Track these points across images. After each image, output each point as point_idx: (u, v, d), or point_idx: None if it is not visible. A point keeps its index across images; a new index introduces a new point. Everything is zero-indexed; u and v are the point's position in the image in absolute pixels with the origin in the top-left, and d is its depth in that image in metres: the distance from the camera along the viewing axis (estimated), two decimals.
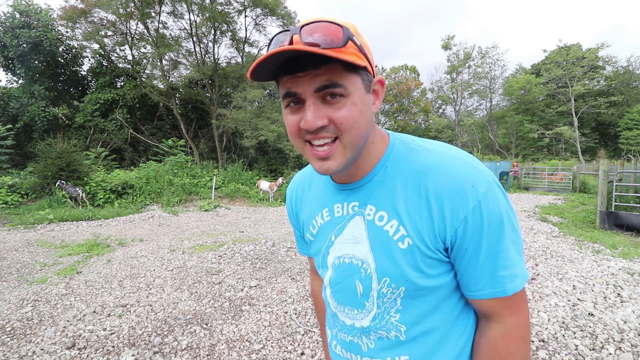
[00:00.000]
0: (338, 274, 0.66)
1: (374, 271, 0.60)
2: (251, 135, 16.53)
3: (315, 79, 0.49)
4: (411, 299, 0.60)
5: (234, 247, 5.25)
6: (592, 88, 30.89)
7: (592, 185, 13.71)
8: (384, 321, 0.62)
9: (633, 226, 6.12)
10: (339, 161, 0.54)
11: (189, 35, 18.19)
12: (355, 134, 0.52)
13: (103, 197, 10.04)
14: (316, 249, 0.71)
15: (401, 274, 0.58)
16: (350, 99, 0.51)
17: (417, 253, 0.57)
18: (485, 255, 0.54)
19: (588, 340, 2.42)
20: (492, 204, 0.53)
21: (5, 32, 15.58)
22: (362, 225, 0.61)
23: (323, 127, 0.51)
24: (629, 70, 33.12)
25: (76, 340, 2.52)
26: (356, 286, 0.63)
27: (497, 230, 0.54)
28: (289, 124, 0.54)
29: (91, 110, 18.01)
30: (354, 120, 0.51)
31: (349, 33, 0.49)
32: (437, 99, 41.67)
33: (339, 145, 0.53)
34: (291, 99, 0.52)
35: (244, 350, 2.40)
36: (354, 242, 0.62)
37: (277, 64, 0.49)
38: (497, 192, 0.55)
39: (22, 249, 5.33)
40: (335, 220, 0.66)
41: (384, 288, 0.60)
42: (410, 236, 0.57)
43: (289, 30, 0.50)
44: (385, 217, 0.59)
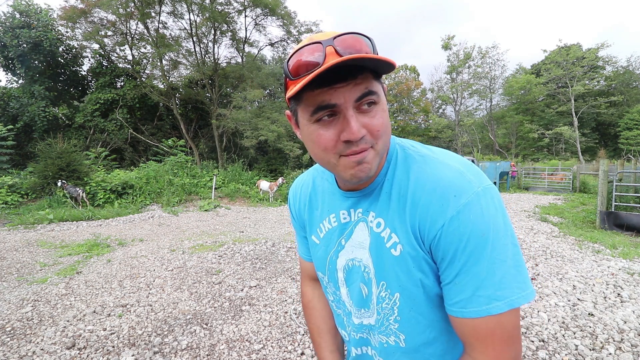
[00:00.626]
0: (350, 275, 0.67)
1: (373, 275, 0.62)
2: (251, 135, 16.53)
3: (356, 88, 0.49)
4: (408, 309, 0.59)
5: (234, 247, 5.25)
6: (592, 88, 30.89)
7: (592, 185, 13.71)
8: (384, 327, 0.64)
9: (633, 226, 6.12)
10: (372, 165, 0.53)
11: (189, 35, 18.19)
12: (386, 139, 0.54)
13: (103, 197, 10.04)
14: (322, 252, 0.72)
15: (395, 280, 0.59)
16: (381, 105, 0.52)
17: (409, 260, 0.56)
18: (462, 271, 0.50)
19: (588, 340, 2.42)
20: (475, 216, 0.50)
21: (5, 32, 15.58)
22: (366, 231, 0.63)
23: (362, 138, 0.51)
24: (629, 70, 33.13)
25: (76, 340, 2.52)
26: (361, 288, 0.65)
27: (478, 245, 0.49)
28: (324, 139, 0.51)
29: (91, 110, 18.01)
30: (386, 126, 0.53)
31: (374, 43, 0.52)
32: (437, 99, 41.67)
33: (372, 152, 0.53)
34: (326, 112, 0.50)
35: (244, 350, 2.40)
36: (361, 247, 0.64)
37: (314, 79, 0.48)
38: (484, 205, 0.50)
39: (22, 249, 5.33)
40: (343, 225, 0.67)
41: (382, 292, 0.61)
42: (401, 243, 0.57)
43: (320, 43, 0.49)
44: (382, 224, 0.60)
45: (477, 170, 0.56)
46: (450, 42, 35.88)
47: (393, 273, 0.58)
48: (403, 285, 0.58)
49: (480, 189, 0.52)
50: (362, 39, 0.51)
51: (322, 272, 0.73)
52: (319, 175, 0.75)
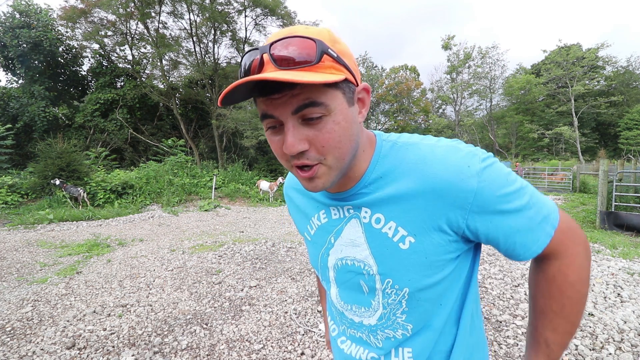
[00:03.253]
0: (342, 274, 0.65)
1: (376, 272, 0.60)
2: (251, 135, 16.54)
3: (292, 99, 0.46)
4: (416, 300, 0.59)
5: (234, 247, 5.25)
6: (592, 88, 30.90)
7: (592, 185, 13.71)
8: (390, 321, 0.62)
9: (633, 226, 6.12)
10: (326, 179, 0.52)
11: (189, 35, 18.19)
12: (339, 154, 0.50)
13: (103, 197, 10.05)
14: (314, 250, 0.71)
15: (404, 275, 0.57)
16: (332, 117, 0.47)
17: (421, 249, 0.56)
18: (513, 219, 0.53)
19: (588, 340, 2.42)
20: (493, 172, 0.52)
21: (5, 32, 15.58)
22: (359, 228, 0.61)
23: (304, 152, 0.48)
24: (629, 70, 33.15)
25: (76, 340, 2.52)
26: (362, 286, 0.63)
27: (508, 190, 0.52)
28: (274, 146, 0.52)
29: (91, 110, 18.02)
30: (337, 141, 0.48)
31: (322, 46, 0.46)
32: (437, 99, 41.67)
33: (323, 168, 0.51)
34: (270, 122, 0.49)
35: (244, 350, 2.40)
36: (353, 245, 0.62)
37: (249, 87, 0.46)
38: (490, 161, 0.54)
39: (22, 249, 5.33)
40: (333, 222, 0.65)
41: (387, 289, 0.60)
42: (411, 234, 0.56)
43: (257, 49, 0.47)
44: (382, 219, 0.57)
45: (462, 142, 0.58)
46: (450, 42, 35.89)
47: (401, 268, 0.57)
48: (413, 279, 0.57)
49: (479, 152, 0.54)
50: (303, 43, 0.45)
51: (316, 268, 0.73)
52: None
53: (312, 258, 0.74)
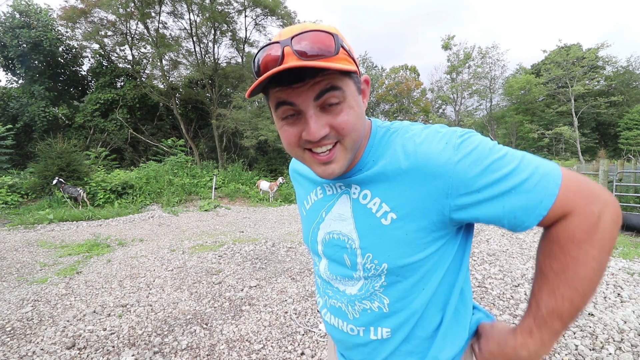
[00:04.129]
0: (329, 248, 0.68)
1: (358, 247, 0.62)
2: (251, 135, 16.53)
3: (315, 86, 0.50)
4: (395, 275, 0.60)
5: (234, 247, 5.25)
6: (592, 88, 30.89)
7: None
8: (369, 292, 0.64)
9: (633, 226, 6.12)
10: (341, 163, 0.56)
11: (189, 35, 18.19)
12: (355, 136, 0.55)
13: (103, 197, 10.05)
14: (307, 224, 0.75)
15: (383, 251, 0.59)
16: (347, 102, 0.53)
17: (402, 226, 0.57)
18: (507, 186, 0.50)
19: (588, 340, 2.42)
20: (473, 143, 0.52)
21: (5, 32, 15.58)
22: (348, 204, 0.64)
23: (325, 136, 0.53)
24: (629, 70, 33.14)
25: (76, 340, 2.52)
26: (345, 259, 0.65)
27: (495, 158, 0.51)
28: (288, 135, 0.55)
29: (91, 110, 18.01)
30: (353, 123, 0.53)
31: (339, 40, 0.51)
32: (437, 99, 41.66)
33: (340, 148, 0.55)
34: (288, 111, 0.53)
35: (244, 350, 2.40)
36: (340, 219, 0.65)
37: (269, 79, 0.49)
38: (471, 134, 0.54)
39: (22, 249, 5.33)
40: (327, 198, 0.69)
41: (367, 263, 0.62)
42: (394, 211, 0.57)
43: (278, 43, 0.50)
44: (369, 195, 0.61)
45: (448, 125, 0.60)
46: (450, 42, 35.88)
47: (381, 243, 0.59)
48: (392, 254, 0.59)
49: (460, 130, 0.56)
50: (323, 36, 0.50)
51: (307, 243, 0.76)
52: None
53: (304, 233, 0.77)
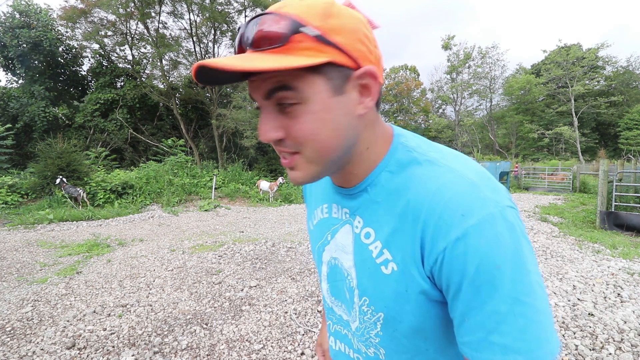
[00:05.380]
0: (332, 273, 0.62)
1: (355, 287, 0.55)
2: (251, 135, 16.53)
3: (263, 83, 0.42)
4: (392, 330, 0.51)
5: (234, 247, 5.25)
6: (592, 88, 30.93)
7: (592, 185, 13.72)
8: (364, 337, 0.56)
9: (633, 226, 6.12)
10: (306, 173, 0.47)
11: (189, 35, 18.19)
12: (318, 148, 0.44)
13: (103, 197, 10.04)
14: (313, 240, 0.68)
15: (381, 300, 0.50)
16: (308, 106, 0.42)
17: (403, 282, 0.47)
18: (469, 307, 0.41)
19: (588, 340, 2.42)
20: (487, 242, 0.40)
21: (5, 32, 15.58)
22: (350, 236, 0.55)
23: (280, 140, 0.44)
24: (629, 70, 33.17)
25: (76, 340, 2.52)
26: (345, 292, 0.58)
27: (492, 279, 0.39)
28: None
29: (91, 110, 18.02)
30: (312, 134, 0.43)
31: (296, 25, 0.39)
32: (437, 99, 41.69)
33: (300, 159, 0.46)
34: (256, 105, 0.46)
35: (244, 350, 2.40)
36: (343, 250, 0.57)
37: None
38: (500, 229, 0.40)
39: (22, 249, 5.33)
40: (332, 220, 0.60)
41: (364, 306, 0.54)
42: (395, 262, 0.48)
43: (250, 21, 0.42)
44: (372, 235, 0.51)
45: (497, 184, 0.45)
46: (450, 42, 35.89)
47: (379, 292, 0.50)
48: (389, 307, 0.49)
49: (497, 209, 0.41)
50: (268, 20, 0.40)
51: (314, 259, 0.69)
52: None
53: (312, 247, 0.71)
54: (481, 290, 0.40)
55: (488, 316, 0.40)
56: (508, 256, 0.40)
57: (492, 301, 0.39)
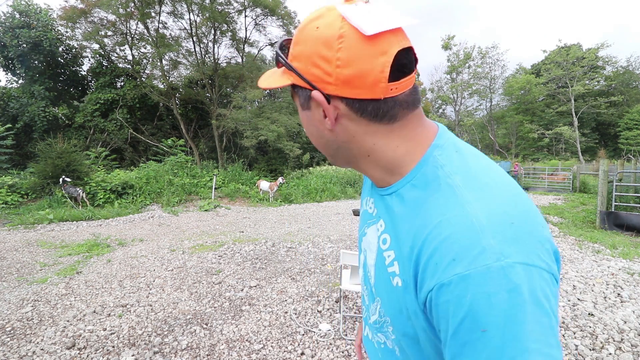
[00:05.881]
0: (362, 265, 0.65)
1: (373, 285, 0.56)
2: (251, 135, 16.53)
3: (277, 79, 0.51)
4: (400, 335, 0.50)
5: (234, 247, 5.25)
6: (592, 88, 30.92)
7: (592, 185, 13.72)
8: (383, 330, 0.56)
9: (633, 226, 6.12)
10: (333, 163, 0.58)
11: (189, 35, 18.18)
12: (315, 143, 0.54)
13: (103, 197, 10.04)
14: (360, 226, 0.67)
15: (389, 307, 0.50)
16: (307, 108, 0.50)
17: (404, 300, 0.46)
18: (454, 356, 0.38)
19: (588, 340, 2.42)
20: (472, 297, 0.35)
21: (5, 32, 15.58)
22: (375, 237, 0.55)
23: None
24: (629, 70, 33.16)
25: (76, 340, 2.52)
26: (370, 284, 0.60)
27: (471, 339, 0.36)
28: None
29: (91, 110, 18.01)
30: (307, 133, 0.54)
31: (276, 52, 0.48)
32: (437, 99, 41.67)
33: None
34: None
35: (244, 350, 2.40)
36: (369, 248, 0.58)
37: None
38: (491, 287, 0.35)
39: (22, 249, 5.33)
40: (370, 215, 0.60)
41: (379, 306, 0.54)
42: (401, 277, 0.46)
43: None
44: (388, 242, 0.50)
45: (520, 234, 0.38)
46: (450, 42, 35.89)
47: (387, 299, 0.50)
48: (394, 316, 0.49)
49: (497, 263, 0.36)
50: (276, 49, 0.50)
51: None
52: None
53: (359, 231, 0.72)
54: (465, 348, 0.36)
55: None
56: (499, 321, 0.34)
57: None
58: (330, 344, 2.47)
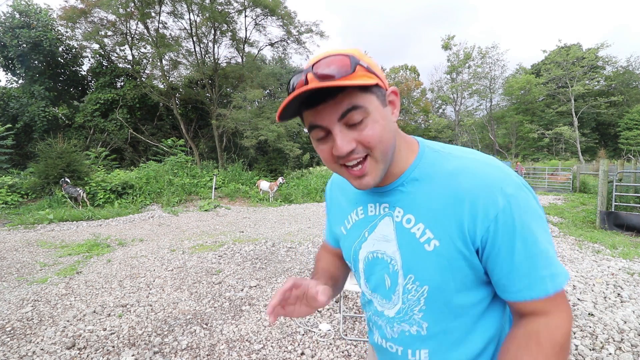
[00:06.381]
0: (371, 266, 0.70)
1: (400, 268, 0.64)
2: (251, 135, 16.53)
3: (337, 107, 0.53)
4: (434, 300, 0.62)
5: (234, 247, 5.25)
6: (592, 88, 30.89)
7: (592, 185, 13.71)
8: (407, 316, 0.66)
9: (633, 226, 6.12)
10: (375, 174, 0.58)
11: (189, 35, 18.18)
12: (383, 147, 0.57)
13: (103, 197, 10.04)
14: (348, 242, 0.76)
15: (426, 274, 0.61)
16: (372, 117, 0.55)
17: (445, 254, 0.58)
18: (521, 255, 0.55)
19: (588, 340, 2.42)
20: (523, 204, 0.55)
21: (5, 32, 15.58)
22: (391, 226, 0.65)
23: (352, 150, 0.55)
24: (629, 70, 33.13)
25: (76, 340, 2.52)
26: (385, 279, 0.67)
27: (530, 229, 0.55)
28: (322, 153, 0.59)
29: (91, 110, 18.01)
30: (379, 136, 0.55)
31: (355, 60, 0.54)
32: (437, 99, 41.68)
33: (371, 161, 0.57)
34: (319, 132, 0.57)
35: (244, 350, 2.40)
36: (384, 240, 0.67)
37: (298, 103, 0.54)
38: (526, 194, 0.56)
39: (22, 249, 5.33)
40: (369, 218, 0.70)
41: (409, 284, 0.64)
42: (437, 238, 0.59)
43: (302, 72, 0.56)
44: (413, 220, 0.62)
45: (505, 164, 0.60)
46: (450, 42, 35.88)
47: (423, 267, 0.61)
48: (433, 279, 0.60)
49: (520, 180, 0.58)
50: (338, 59, 0.53)
51: (348, 260, 0.78)
52: None
53: (345, 252, 0.79)
54: (527, 240, 0.54)
55: (536, 258, 0.55)
56: (537, 212, 0.56)
57: (536, 247, 0.55)
58: (330, 344, 2.47)
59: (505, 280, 0.57)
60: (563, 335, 0.54)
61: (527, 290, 0.55)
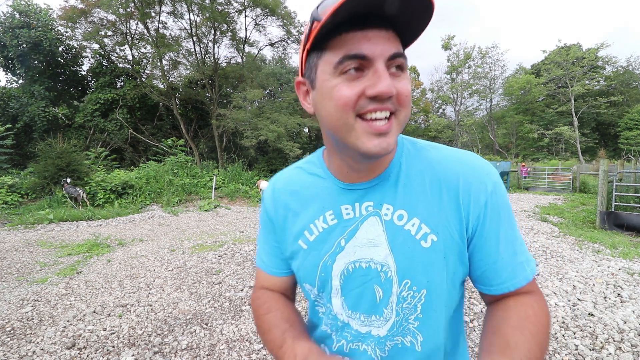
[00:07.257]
0: (352, 280, 0.58)
1: (394, 274, 0.55)
2: (251, 135, 16.54)
3: (390, 42, 0.45)
4: (431, 305, 0.56)
5: (234, 247, 5.25)
6: (592, 88, 30.91)
7: (592, 185, 13.71)
8: (402, 328, 0.57)
9: (633, 226, 6.12)
10: (393, 139, 0.48)
11: (189, 35, 18.19)
12: (407, 112, 0.49)
13: (103, 197, 10.04)
14: (312, 259, 0.61)
15: (424, 275, 0.54)
16: (406, 74, 0.49)
17: (442, 249, 0.54)
18: (505, 241, 0.54)
19: (588, 340, 2.42)
20: (503, 190, 0.56)
21: (5, 32, 15.58)
22: (379, 226, 0.56)
23: (389, 98, 0.46)
24: (629, 70, 33.14)
25: (76, 340, 2.52)
26: (375, 292, 0.57)
27: (509, 214, 0.55)
28: (345, 94, 0.45)
29: (91, 110, 18.01)
30: (409, 95, 0.48)
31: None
32: (437, 99, 41.67)
33: (395, 122, 0.48)
34: (352, 62, 0.45)
35: (244, 350, 2.40)
36: (371, 244, 0.57)
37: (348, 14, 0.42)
38: (501, 182, 0.58)
39: (22, 249, 5.33)
40: (344, 222, 0.58)
41: (404, 291, 0.56)
42: (434, 232, 0.54)
43: None
44: (405, 216, 0.55)
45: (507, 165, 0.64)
46: (450, 42, 35.88)
47: (421, 267, 0.54)
48: (431, 279, 0.55)
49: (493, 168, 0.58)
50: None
51: (311, 283, 0.62)
52: (306, 170, 0.66)
53: (305, 273, 0.62)
54: (508, 227, 0.55)
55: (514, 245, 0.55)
56: (507, 198, 0.57)
57: (514, 233, 0.56)
58: None
59: (490, 272, 0.55)
60: (546, 313, 0.54)
61: (511, 279, 0.55)
